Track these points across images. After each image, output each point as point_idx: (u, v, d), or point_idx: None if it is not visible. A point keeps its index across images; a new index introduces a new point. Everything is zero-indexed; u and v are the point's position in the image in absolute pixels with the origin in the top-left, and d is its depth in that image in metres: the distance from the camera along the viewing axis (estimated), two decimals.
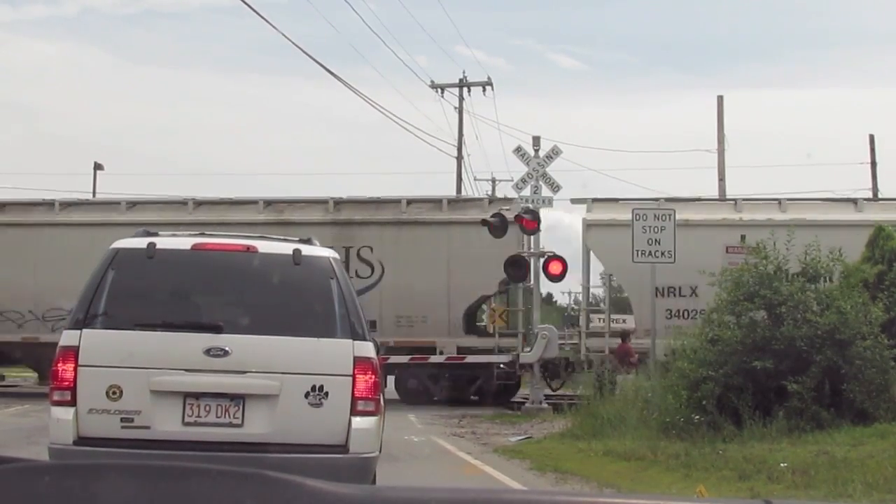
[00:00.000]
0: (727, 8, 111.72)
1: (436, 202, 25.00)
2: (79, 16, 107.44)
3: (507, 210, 22.65)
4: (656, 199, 25.00)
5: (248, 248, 7.58)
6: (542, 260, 21.49)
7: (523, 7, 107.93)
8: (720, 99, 36.04)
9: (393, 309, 23.48)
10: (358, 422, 7.15)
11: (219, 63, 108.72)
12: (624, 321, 27.34)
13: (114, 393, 7.06)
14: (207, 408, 7.14)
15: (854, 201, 24.94)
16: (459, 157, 41.88)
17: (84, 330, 7.17)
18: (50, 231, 25.03)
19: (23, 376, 30.78)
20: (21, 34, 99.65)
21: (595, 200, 25.11)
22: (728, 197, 29.27)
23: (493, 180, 51.54)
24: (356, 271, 23.45)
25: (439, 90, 42.22)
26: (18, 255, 24.65)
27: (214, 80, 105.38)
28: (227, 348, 7.14)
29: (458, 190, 40.79)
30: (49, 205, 25.92)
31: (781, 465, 10.93)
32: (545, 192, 22.58)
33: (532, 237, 21.74)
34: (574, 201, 26.08)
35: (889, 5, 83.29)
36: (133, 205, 25.53)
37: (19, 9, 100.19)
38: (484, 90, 42.57)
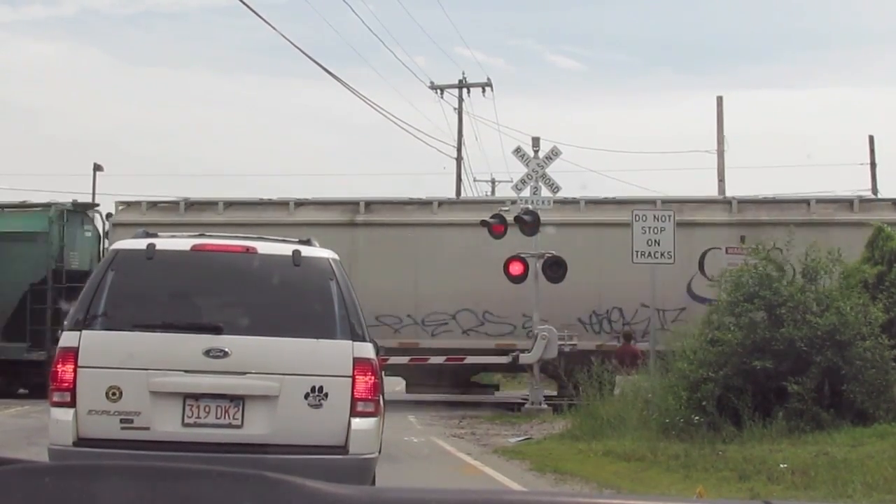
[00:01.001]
0: (727, 8, 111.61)
1: (845, 202, 24.19)
2: (78, 16, 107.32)
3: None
4: None
5: (248, 250, 7.58)
6: (541, 261, 21.50)
7: (523, 7, 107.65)
8: (720, 99, 36.10)
9: None
10: (358, 423, 7.15)
11: (218, 63, 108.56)
12: (626, 323, 27.05)
13: (113, 394, 7.06)
14: (207, 409, 7.14)
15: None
16: (459, 158, 41.88)
17: (84, 331, 7.17)
18: (427, 231, 23.96)
19: None
20: (20, 34, 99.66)
21: None
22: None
23: (493, 181, 51.52)
24: None
25: (439, 91, 42.20)
26: (396, 256, 23.46)
27: (214, 80, 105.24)
28: (226, 349, 7.14)
29: (458, 191, 40.74)
30: (426, 203, 24.81)
31: (781, 465, 10.94)
32: (545, 192, 22.54)
33: (532, 238, 21.70)
34: None
35: (889, 5, 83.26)
36: (513, 203, 23.69)
37: (19, 9, 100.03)
38: (483, 91, 42.57)
